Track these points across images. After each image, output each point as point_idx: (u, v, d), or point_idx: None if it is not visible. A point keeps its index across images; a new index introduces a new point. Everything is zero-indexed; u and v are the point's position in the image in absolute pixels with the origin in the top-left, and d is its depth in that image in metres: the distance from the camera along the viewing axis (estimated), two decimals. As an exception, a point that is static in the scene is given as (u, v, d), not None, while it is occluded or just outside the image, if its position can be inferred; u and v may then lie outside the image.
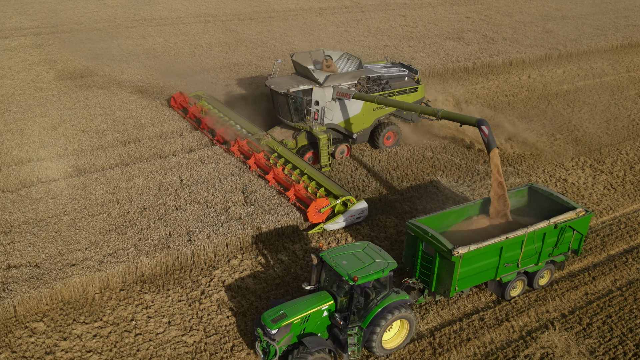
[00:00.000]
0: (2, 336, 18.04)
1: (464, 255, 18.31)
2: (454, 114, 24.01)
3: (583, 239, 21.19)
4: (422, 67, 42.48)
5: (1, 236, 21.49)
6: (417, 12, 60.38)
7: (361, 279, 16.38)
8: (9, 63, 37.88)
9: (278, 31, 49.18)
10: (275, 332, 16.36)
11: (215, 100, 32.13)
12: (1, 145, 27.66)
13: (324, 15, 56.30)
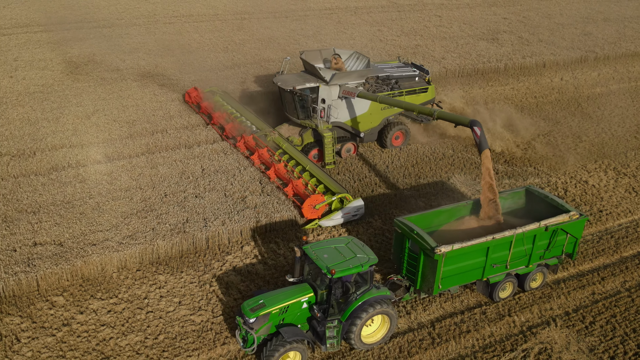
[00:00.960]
0: (24, 307, 19.28)
1: (447, 254, 18.34)
2: (449, 114, 23.95)
3: (578, 243, 20.87)
4: (451, 67, 42.63)
5: (30, 216, 22.85)
6: (454, 13, 60.25)
7: (339, 272, 16.63)
8: (51, 55, 39.71)
9: (311, 29, 49.93)
10: (254, 321, 16.71)
11: (229, 96, 32.79)
12: (37, 132, 29.19)
13: (359, 14, 56.80)
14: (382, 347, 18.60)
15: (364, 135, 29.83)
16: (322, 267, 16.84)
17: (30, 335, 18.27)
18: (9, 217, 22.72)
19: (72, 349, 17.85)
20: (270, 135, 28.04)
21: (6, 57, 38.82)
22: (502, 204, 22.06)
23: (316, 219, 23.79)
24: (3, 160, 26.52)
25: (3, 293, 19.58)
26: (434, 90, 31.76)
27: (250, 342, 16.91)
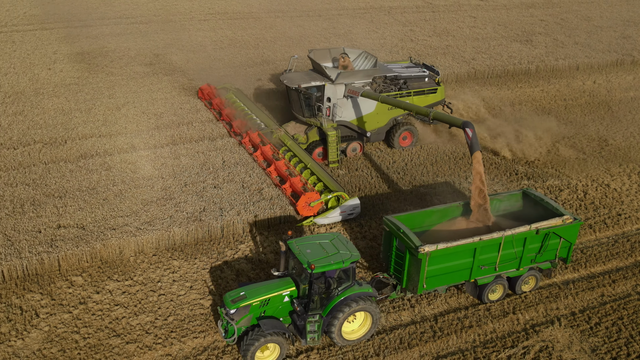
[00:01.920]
0: (45, 285, 20.35)
1: (432, 254, 18.30)
2: (444, 115, 23.87)
3: (572, 248, 20.59)
4: (481, 68, 42.51)
5: (56, 200, 24.01)
6: (489, 14, 59.83)
7: (319, 267, 16.82)
8: (88, 49, 41.24)
9: (343, 28, 50.39)
10: (234, 312, 17.06)
11: (241, 93, 33.18)
12: (70, 122, 30.49)
13: (392, 14, 56.98)
14: (382, 338, 18.99)
15: (370, 135, 29.80)
16: (303, 262, 17.06)
17: (49, 311, 19.31)
18: (37, 201, 23.91)
19: (86, 326, 18.80)
20: (276, 132, 28.41)
21: (46, 50, 40.49)
22: (498, 206, 21.97)
23: (311, 216, 23.93)
24: (36, 147, 27.83)
25: (26, 271, 20.70)
26: (444, 91, 31.46)
27: (231, 332, 17.22)
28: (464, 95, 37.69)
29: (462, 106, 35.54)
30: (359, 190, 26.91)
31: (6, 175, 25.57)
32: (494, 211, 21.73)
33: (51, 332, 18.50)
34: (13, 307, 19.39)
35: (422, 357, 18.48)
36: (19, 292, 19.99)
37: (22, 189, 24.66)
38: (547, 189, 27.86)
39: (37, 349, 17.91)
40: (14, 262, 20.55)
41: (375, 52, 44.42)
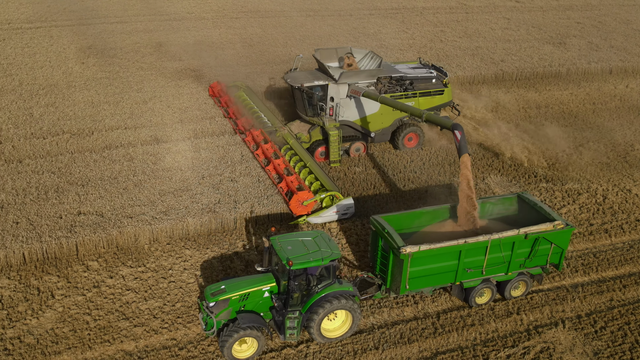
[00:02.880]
0: (62, 268, 21.24)
1: (414, 255, 18.25)
2: (436, 117, 23.69)
3: (564, 254, 20.25)
4: (509, 70, 42.15)
5: (79, 188, 24.95)
6: (524, 16, 59.08)
7: (297, 264, 17.03)
8: (122, 44, 42.45)
9: (373, 28, 50.54)
10: (213, 305, 17.35)
11: (251, 91, 33.44)
12: (98, 114, 31.55)
13: (424, 14, 56.82)
14: (383, 332, 19.25)
15: (374, 135, 29.66)
16: (282, 258, 17.24)
17: (64, 293, 20.17)
18: (60, 188, 24.90)
19: (97, 308, 19.59)
20: (280, 131, 28.63)
21: (81, 45, 41.83)
22: (491, 210, 21.79)
23: (304, 215, 24.05)
24: (64, 138, 28.91)
25: (46, 254, 21.64)
26: (451, 93, 30.97)
27: (210, 325, 17.50)
28: (481, 97, 37.61)
29: (478, 107, 35.40)
30: (357, 191, 26.88)
31: (34, 163, 26.66)
32: (487, 215, 21.62)
33: (64, 313, 19.34)
34: (31, 287, 20.32)
35: (421, 353, 18.67)
36: (37, 274, 20.92)
37: (48, 176, 25.70)
38: (565, 192, 27.61)
39: (50, 328, 18.75)
40: (35, 246, 21.50)
41: (403, 52, 44.55)
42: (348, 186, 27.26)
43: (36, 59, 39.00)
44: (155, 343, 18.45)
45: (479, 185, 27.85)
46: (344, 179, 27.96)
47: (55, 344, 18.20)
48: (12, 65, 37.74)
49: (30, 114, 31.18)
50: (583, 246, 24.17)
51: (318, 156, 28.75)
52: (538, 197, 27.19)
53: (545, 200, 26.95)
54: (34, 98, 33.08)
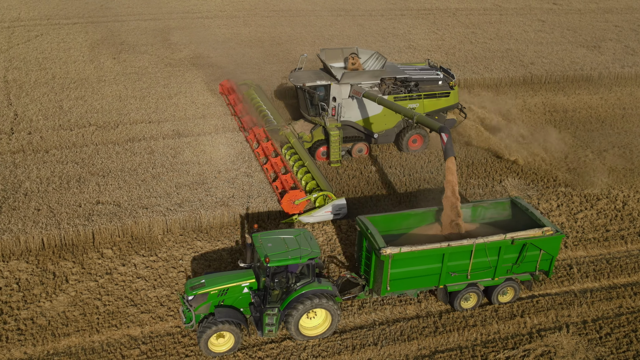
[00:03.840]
0: (78, 255, 22.05)
1: (395, 256, 18.14)
2: (425, 119, 23.42)
3: (554, 261, 19.88)
4: (538, 73, 41.60)
5: (100, 178, 25.80)
6: (560, 18, 58.10)
7: (275, 261, 17.21)
8: (153, 41, 43.46)
9: (403, 28, 50.48)
10: (192, 299, 17.63)
11: (260, 89, 33.70)
12: (124, 108, 32.47)
13: (457, 16, 56.43)
14: (383, 328, 19.41)
15: (377, 137, 29.43)
16: (260, 255, 17.44)
17: (78, 278, 20.95)
18: (82, 178, 25.79)
19: (108, 294, 20.29)
20: (283, 130, 28.85)
21: (114, 41, 43.01)
22: (483, 214, 21.57)
23: (296, 214, 24.16)
24: (90, 130, 29.88)
25: (63, 241, 22.48)
26: (457, 95, 30.43)
27: (189, 318, 17.73)
28: (519, 101, 37.28)
29: (500, 109, 35.10)
30: (355, 191, 26.77)
31: (59, 154, 27.66)
32: (479, 219, 21.47)
33: (76, 297, 20.09)
34: (47, 272, 21.15)
35: (419, 351, 18.77)
36: (54, 259, 21.76)
37: (71, 166, 26.63)
38: (583, 197, 27.23)
39: (62, 311, 19.52)
40: (53, 232, 22.36)
41: (431, 53, 44.41)
42: (346, 187, 27.13)
43: (70, 53, 40.30)
44: (160, 330, 19.01)
45: (495, 188, 27.69)
46: (343, 179, 27.80)
47: (65, 326, 18.94)
48: (47, 59, 39.08)
49: (60, 107, 32.29)
50: (597, 252, 23.84)
51: (319, 156, 28.74)
52: (555, 202, 26.89)
53: (562, 205, 26.64)
54: (65, 91, 34.23)
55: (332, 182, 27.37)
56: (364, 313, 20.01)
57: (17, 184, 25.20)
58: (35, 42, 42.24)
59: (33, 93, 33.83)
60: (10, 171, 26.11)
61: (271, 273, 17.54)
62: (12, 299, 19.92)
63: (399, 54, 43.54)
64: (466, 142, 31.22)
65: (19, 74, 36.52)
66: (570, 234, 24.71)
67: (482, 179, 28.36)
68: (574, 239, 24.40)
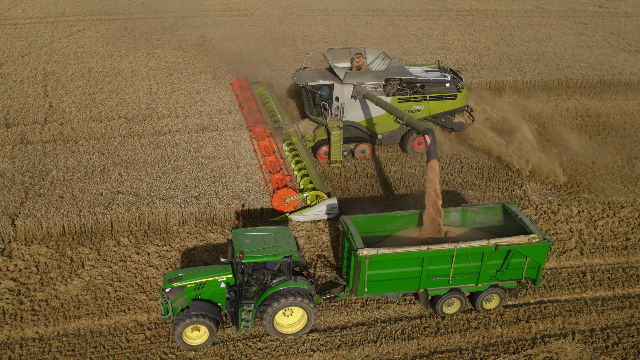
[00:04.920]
0: (96, 242, 22.86)
1: (372, 258, 18.01)
2: (414, 120, 23.11)
3: (541, 269, 19.44)
4: (573, 77, 40.68)
5: (122, 169, 26.63)
6: (604, 21, 56.61)
7: (249, 257, 17.42)
8: (189, 37, 44.42)
9: (439, 29, 50.12)
10: (168, 291, 17.91)
11: (271, 88, 33.92)
12: (153, 102, 33.36)
13: (496, 17, 55.65)
14: (384, 326, 19.48)
15: (381, 138, 29.15)
16: (236, 251, 17.64)
17: (93, 264, 21.73)
18: (106, 168, 26.67)
19: (119, 280, 20.99)
20: (286, 128, 28.99)
21: (150, 37, 44.14)
22: (473, 219, 21.24)
23: (287, 212, 24.28)
24: (118, 122, 30.83)
25: (83, 228, 23.33)
26: (465, 98, 29.85)
27: (165, 310, 18.09)
28: (551, 105, 36.63)
29: (525, 114, 34.62)
30: (352, 192, 26.69)
31: (87, 144, 28.65)
32: (469, 223, 21.20)
33: (90, 282, 20.86)
34: (65, 257, 22.02)
35: (418, 350, 18.77)
36: (73, 245, 22.63)
37: (97, 157, 27.56)
38: (606, 205, 26.63)
39: (75, 295, 20.31)
40: (74, 219, 23.23)
41: (464, 55, 43.99)
42: (344, 187, 27.08)
43: (108, 48, 41.59)
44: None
45: (515, 192, 27.33)
46: (342, 179, 27.70)
47: (77, 309, 19.70)
48: (85, 53, 40.44)
49: (93, 99, 33.40)
50: (614, 260, 23.32)
51: (321, 155, 28.70)
52: (577, 208, 26.38)
53: (583, 212, 26.11)
54: (99, 85, 35.37)
55: (332, 182, 27.39)
56: (366, 310, 20.13)
57: (45, 172, 26.24)
58: (76, 37, 43.75)
59: (69, 86, 35.09)
60: (39, 159, 27.20)
61: (245, 269, 17.78)
62: (29, 281, 20.83)
63: (431, 55, 43.28)
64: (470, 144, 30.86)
65: (57, 67, 37.92)
66: (588, 241, 24.21)
67: (503, 183, 28.02)
68: (591, 246, 23.90)
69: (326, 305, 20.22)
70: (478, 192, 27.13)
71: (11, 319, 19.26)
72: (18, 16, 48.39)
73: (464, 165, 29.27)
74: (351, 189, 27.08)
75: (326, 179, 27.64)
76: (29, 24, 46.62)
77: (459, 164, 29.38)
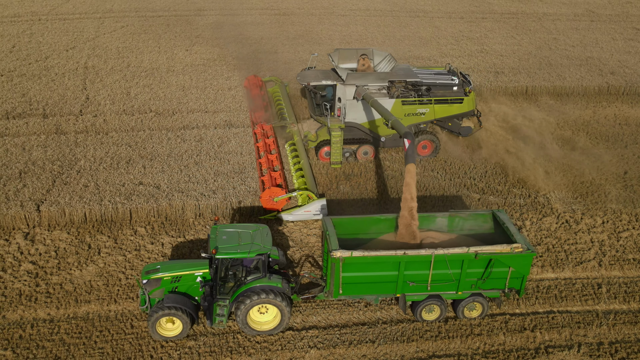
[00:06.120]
0: (114, 230, 23.62)
1: (347, 260, 17.83)
2: (397, 123, 22.58)
3: (525, 279, 18.81)
4: (615, 84, 39.34)
5: (146, 161, 27.40)
6: (660, 27, 54.57)
7: (222, 253, 17.58)
8: (227, 35, 45.15)
9: (480, 32, 49.35)
10: (145, 283, 18.30)
11: (284, 86, 34.00)
12: (184, 97, 34.14)
13: (543, 21, 54.34)
14: (385, 327, 19.42)
15: (385, 140, 28.63)
16: (211, 246, 17.82)
17: (109, 251, 22.48)
18: (131, 160, 27.50)
19: (132, 268, 21.64)
20: (290, 127, 28.93)
21: (190, 34, 45.14)
22: (462, 225, 20.76)
23: (276, 211, 24.34)
24: (148, 116, 31.71)
25: (103, 216, 24.14)
26: (472, 102, 28.95)
27: (143, 301, 18.53)
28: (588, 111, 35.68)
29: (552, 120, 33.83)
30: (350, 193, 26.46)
31: (117, 136, 29.60)
32: (457, 229, 20.77)
33: (104, 269, 21.59)
34: (84, 243, 22.85)
35: (416, 353, 18.65)
36: (92, 232, 23.46)
37: (124, 149, 28.44)
38: (633, 216, 25.78)
39: (88, 280, 21.07)
40: (95, 208, 24.08)
41: (503, 58, 43.19)
42: (342, 188, 26.87)
43: (148, 44, 42.76)
44: (171, 306, 20.04)
45: (538, 199, 26.72)
46: (340, 180, 27.47)
47: (88, 294, 20.43)
48: (126, 48, 41.70)
49: (127, 93, 34.44)
50: (634, 273, 22.55)
51: (323, 156, 28.55)
52: (601, 218, 25.61)
53: (607, 222, 25.33)
54: (135, 79, 36.44)
55: (329, 183, 27.25)
56: (369, 311, 20.11)
57: (74, 162, 27.26)
58: (119, 32, 45.15)
59: (106, 79, 36.28)
60: (70, 149, 28.27)
61: (219, 264, 18.03)
62: (48, 265, 21.71)
63: (468, 58, 42.72)
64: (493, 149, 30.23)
65: (98, 61, 39.26)
66: (609, 252, 23.47)
67: (526, 189, 27.43)
68: (611, 257, 23.17)
69: (329, 303, 20.30)
70: (499, 198, 26.66)
71: (26, 299, 20.13)
72: (68, 12, 50.28)
73: (488, 170, 28.79)
74: (349, 190, 26.85)
75: (325, 180, 27.56)
76: (77, 19, 48.39)
77: (482, 169, 28.93)
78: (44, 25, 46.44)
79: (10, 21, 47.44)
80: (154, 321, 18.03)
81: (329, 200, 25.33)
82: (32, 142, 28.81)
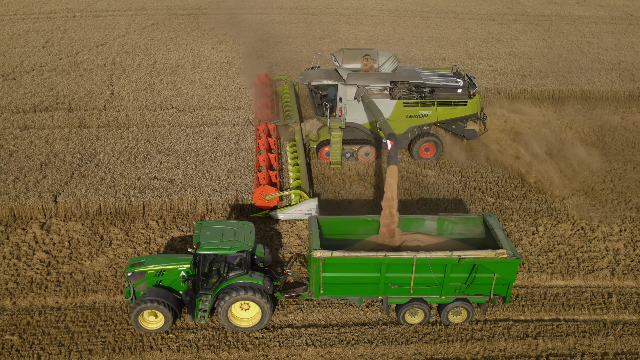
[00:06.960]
0: (127, 223, 24.12)
1: (327, 260, 17.75)
2: (383, 125, 22.32)
3: (511, 286, 18.41)
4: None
5: (163, 156, 27.89)
6: (699, 32, 52.81)
7: (203, 249, 17.75)
8: (255, 34, 45.52)
9: (510, 34, 48.59)
10: (130, 275, 18.62)
11: (292, 85, 34.06)
12: (206, 94, 34.59)
13: (577, 23, 53.18)
14: (384, 328, 19.35)
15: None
16: (194, 241, 17.95)
17: (120, 243, 22.96)
18: (148, 155, 28.02)
19: (140, 261, 22.05)
20: (292, 127, 28.91)
21: (217, 32, 45.64)
22: (451, 229, 20.42)
23: (267, 209, 24.35)
24: (169, 112, 32.24)
25: (117, 209, 24.66)
26: (477, 105, 28.39)
27: (127, 293, 18.84)
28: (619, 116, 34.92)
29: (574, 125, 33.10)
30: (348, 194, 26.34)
31: (137, 131, 30.18)
32: (446, 233, 20.46)
33: (113, 260, 22.06)
34: (96, 235, 23.40)
35: (414, 355, 18.54)
36: (105, 224, 24.00)
37: (143, 144, 28.99)
38: (652, 224, 25.05)
39: (98, 271, 21.56)
40: (109, 200, 24.62)
41: (531, 61, 42.46)
42: (341, 189, 26.78)
43: (176, 41, 43.44)
44: (175, 299, 20.35)
45: (555, 205, 26.20)
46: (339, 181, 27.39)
47: (96, 284, 20.92)
48: (154, 45, 42.46)
49: (151, 89, 35.08)
50: (649, 283, 21.94)
51: (323, 156, 28.45)
52: (619, 226, 24.99)
53: (625, 231, 24.70)
54: (160, 75, 37.08)
55: (326, 183, 27.19)
56: (370, 311, 20.06)
57: (93, 155, 27.92)
58: (149, 30, 46.00)
59: (132, 75, 37.02)
60: (91, 143, 28.96)
61: (200, 260, 18.19)
62: (60, 254, 22.31)
63: (495, 60, 42.15)
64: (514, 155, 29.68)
65: (126, 57, 40.07)
66: (623, 261, 22.89)
67: (543, 194, 26.94)
68: (625, 267, 22.59)
69: (330, 302, 20.30)
70: (514, 203, 26.25)
71: (37, 287, 20.73)
72: (102, 9, 51.45)
73: (505, 175, 28.37)
74: (347, 191, 26.75)
75: (326, 180, 27.52)
76: (110, 16, 49.48)
77: (499, 173, 28.53)
78: (78, 22, 47.62)
79: (47, 17, 48.81)
80: (137, 313, 18.33)
81: (329, 200, 25.49)
82: (55, 135, 29.61)
